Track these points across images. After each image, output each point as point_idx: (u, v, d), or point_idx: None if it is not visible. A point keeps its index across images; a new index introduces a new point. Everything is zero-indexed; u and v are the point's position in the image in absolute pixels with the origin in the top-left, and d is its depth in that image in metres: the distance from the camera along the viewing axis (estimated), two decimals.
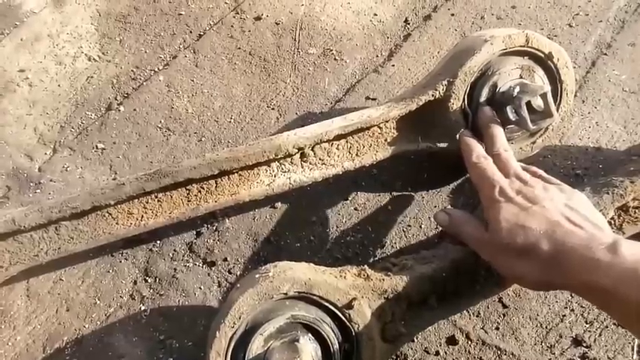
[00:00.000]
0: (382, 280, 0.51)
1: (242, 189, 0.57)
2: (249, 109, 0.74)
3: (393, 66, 0.77)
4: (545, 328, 0.57)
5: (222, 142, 0.71)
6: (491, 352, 0.56)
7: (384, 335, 0.50)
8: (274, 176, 0.58)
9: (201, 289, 0.61)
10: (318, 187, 0.62)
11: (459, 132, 0.59)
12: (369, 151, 0.60)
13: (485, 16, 0.82)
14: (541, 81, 0.59)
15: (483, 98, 0.58)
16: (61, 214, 0.53)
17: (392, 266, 0.55)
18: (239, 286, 0.51)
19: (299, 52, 0.79)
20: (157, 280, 0.61)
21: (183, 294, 0.60)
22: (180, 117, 0.73)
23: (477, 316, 0.58)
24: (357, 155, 0.60)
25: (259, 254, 0.63)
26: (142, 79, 0.77)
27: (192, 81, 0.77)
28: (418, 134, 0.61)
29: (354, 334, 0.48)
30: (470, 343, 0.56)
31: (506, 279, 0.52)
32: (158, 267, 0.62)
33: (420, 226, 0.64)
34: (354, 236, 0.63)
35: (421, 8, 0.83)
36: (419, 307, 0.53)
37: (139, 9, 0.85)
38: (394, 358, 0.56)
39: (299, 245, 0.63)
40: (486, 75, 0.58)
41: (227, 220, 0.65)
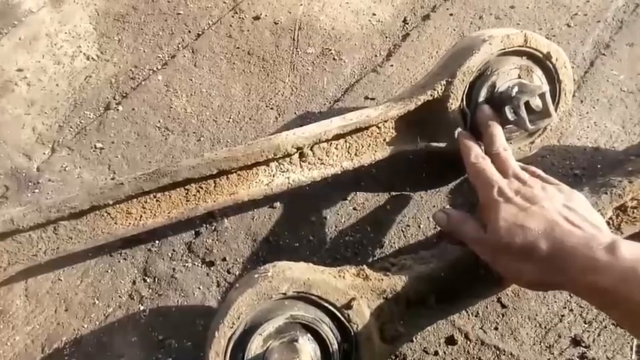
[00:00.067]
0: (381, 280, 0.51)
1: (241, 189, 0.57)
2: (248, 109, 0.74)
3: (391, 66, 0.77)
4: (544, 328, 0.57)
5: (221, 141, 0.71)
6: (490, 352, 0.56)
7: (383, 335, 0.50)
8: (273, 176, 0.58)
9: (200, 289, 0.61)
10: (317, 187, 0.62)
11: (458, 132, 0.59)
12: (368, 150, 0.60)
13: (484, 16, 0.82)
14: (539, 81, 0.59)
15: (482, 98, 0.58)
16: (60, 213, 0.53)
17: (391, 266, 0.55)
18: (238, 286, 0.51)
19: (298, 51, 0.79)
20: (156, 280, 0.61)
21: (182, 294, 0.60)
22: (178, 117, 0.73)
23: (475, 316, 0.58)
24: (355, 155, 0.60)
25: (258, 254, 0.63)
26: (141, 78, 0.77)
27: (191, 80, 0.77)
28: (417, 134, 0.61)
29: (353, 334, 0.48)
30: (469, 343, 0.56)
31: (505, 279, 0.52)
32: (157, 267, 0.62)
33: (418, 226, 0.64)
34: (353, 236, 0.63)
35: (420, 8, 0.83)
36: (418, 307, 0.53)
37: (138, 8, 0.85)
38: (393, 358, 0.56)
39: (298, 245, 0.63)
40: (485, 75, 0.58)
41: (226, 219, 0.65)
